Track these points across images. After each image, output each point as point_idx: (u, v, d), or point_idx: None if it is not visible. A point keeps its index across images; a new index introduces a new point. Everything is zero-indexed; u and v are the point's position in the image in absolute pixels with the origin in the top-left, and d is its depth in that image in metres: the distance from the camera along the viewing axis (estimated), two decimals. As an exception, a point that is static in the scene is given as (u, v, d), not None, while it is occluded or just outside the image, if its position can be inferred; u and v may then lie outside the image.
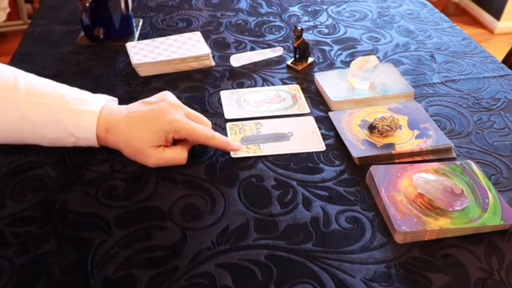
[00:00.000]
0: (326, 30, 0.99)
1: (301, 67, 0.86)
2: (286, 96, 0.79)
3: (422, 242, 0.55)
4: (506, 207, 0.58)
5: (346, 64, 0.87)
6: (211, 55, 0.86)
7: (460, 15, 3.02)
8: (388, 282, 0.51)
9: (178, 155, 0.63)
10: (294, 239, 0.55)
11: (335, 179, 0.63)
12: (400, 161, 0.66)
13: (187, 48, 0.86)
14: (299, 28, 0.83)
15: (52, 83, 0.64)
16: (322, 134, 0.71)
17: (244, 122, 0.73)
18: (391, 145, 0.67)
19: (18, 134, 0.62)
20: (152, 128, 0.61)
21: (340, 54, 0.91)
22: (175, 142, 0.64)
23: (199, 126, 0.63)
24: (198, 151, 0.66)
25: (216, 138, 0.64)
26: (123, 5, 0.89)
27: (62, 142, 0.63)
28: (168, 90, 0.78)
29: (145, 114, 0.62)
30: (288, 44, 0.93)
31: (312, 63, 0.87)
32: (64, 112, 0.60)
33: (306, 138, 0.70)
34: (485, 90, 0.82)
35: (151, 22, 1.00)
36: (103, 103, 0.63)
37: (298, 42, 0.84)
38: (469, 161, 0.65)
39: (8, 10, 2.42)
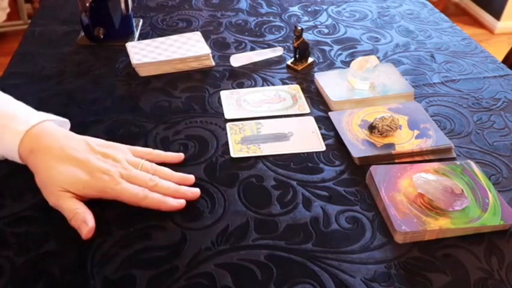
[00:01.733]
0: (326, 30, 0.99)
1: (301, 67, 0.86)
2: (286, 96, 0.79)
3: (422, 242, 0.55)
4: (506, 207, 0.58)
5: (346, 64, 0.87)
6: (211, 55, 0.86)
7: (460, 15, 3.02)
8: (388, 282, 0.51)
9: (73, 212, 0.55)
10: (294, 239, 0.55)
11: (335, 179, 0.63)
12: (400, 161, 0.66)
13: (187, 48, 0.86)
14: (299, 28, 0.83)
15: None
16: (322, 134, 0.71)
17: (244, 122, 0.73)
18: (391, 145, 0.67)
19: None
20: (75, 181, 0.56)
21: (340, 54, 0.91)
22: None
23: (130, 188, 0.57)
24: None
25: (148, 198, 0.57)
26: (123, 5, 0.89)
27: None
28: (168, 90, 0.79)
29: (76, 164, 0.56)
30: (288, 44, 0.93)
31: (312, 63, 0.87)
32: None
33: (306, 138, 0.70)
34: (485, 90, 0.82)
35: (151, 22, 1.00)
36: (35, 122, 0.58)
37: (298, 42, 0.84)
38: (469, 161, 0.65)
39: (8, 10, 2.42)
